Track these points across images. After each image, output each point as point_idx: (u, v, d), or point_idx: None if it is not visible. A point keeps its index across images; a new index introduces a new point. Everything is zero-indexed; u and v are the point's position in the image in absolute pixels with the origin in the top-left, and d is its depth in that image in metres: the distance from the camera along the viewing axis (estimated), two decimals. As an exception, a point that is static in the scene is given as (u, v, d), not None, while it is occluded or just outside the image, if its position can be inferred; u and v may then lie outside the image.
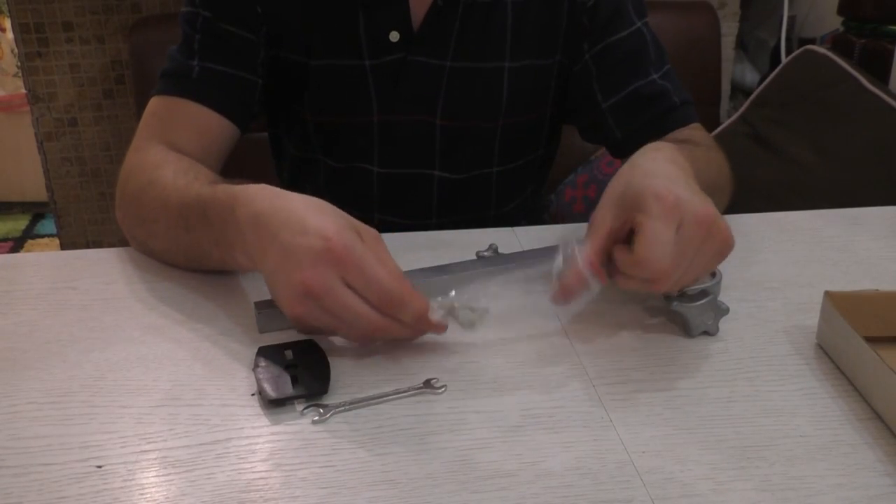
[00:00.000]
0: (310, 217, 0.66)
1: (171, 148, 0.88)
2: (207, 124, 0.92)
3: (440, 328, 0.67)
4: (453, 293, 0.68)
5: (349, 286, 0.64)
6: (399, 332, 0.66)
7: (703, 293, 0.70)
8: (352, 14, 0.93)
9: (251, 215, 0.69)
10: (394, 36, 0.93)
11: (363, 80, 0.96)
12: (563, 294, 0.68)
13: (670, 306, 0.71)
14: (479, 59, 0.96)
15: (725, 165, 0.92)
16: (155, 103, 0.93)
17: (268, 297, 0.69)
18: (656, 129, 0.95)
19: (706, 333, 0.71)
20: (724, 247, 0.68)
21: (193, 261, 0.79)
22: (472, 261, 0.78)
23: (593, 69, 0.97)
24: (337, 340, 0.69)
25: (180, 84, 0.91)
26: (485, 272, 0.75)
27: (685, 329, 0.71)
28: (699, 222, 0.65)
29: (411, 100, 0.97)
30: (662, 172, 0.69)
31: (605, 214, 0.68)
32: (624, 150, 0.99)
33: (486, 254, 0.80)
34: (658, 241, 0.64)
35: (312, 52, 0.95)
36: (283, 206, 0.67)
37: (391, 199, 1.03)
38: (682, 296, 0.70)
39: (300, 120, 1.01)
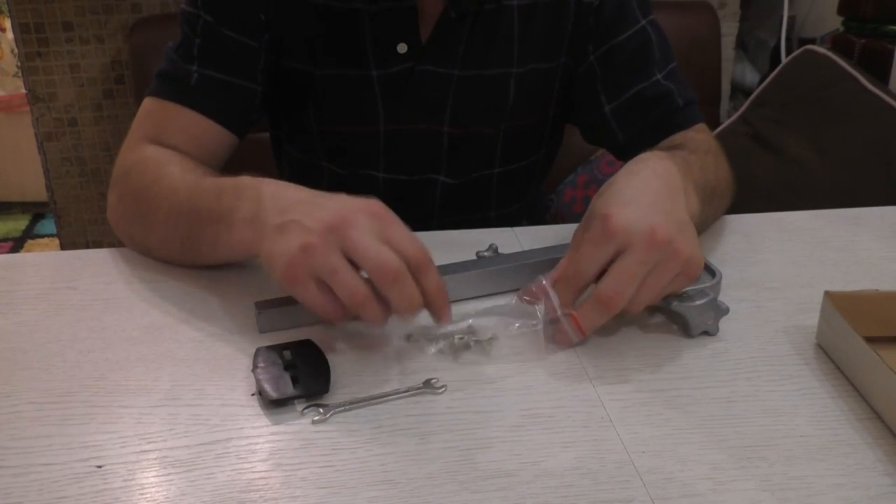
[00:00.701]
0: (344, 197, 0.69)
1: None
2: (204, 132, 0.91)
3: (445, 313, 0.67)
4: (468, 322, 0.69)
5: (382, 240, 0.64)
6: (408, 284, 0.64)
7: (703, 293, 0.70)
8: (357, 25, 0.92)
9: (277, 189, 0.71)
10: (401, 48, 0.93)
11: (370, 90, 0.95)
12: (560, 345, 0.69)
13: (670, 306, 0.71)
14: (486, 66, 0.95)
15: (724, 168, 0.91)
16: (151, 104, 0.92)
17: (267, 297, 0.69)
18: (658, 132, 0.95)
19: (706, 333, 0.71)
20: (687, 267, 0.66)
21: (188, 248, 0.78)
22: (472, 261, 0.78)
23: (598, 71, 0.97)
24: (335, 342, 0.69)
25: (178, 89, 0.91)
26: (483, 272, 0.75)
27: (685, 329, 0.71)
28: (650, 243, 0.64)
29: (419, 109, 0.97)
30: (633, 190, 0.69)
31: (576, 234, 0.70)
32: (626, 153, 0.98)
33: (486, 254, 0.80)
34: (586, 262, 0.66)
35: (318, 62, 0.95)
36: (311, 190, 0.71)
37: (395, 203, 1.03)
38: (683, 296, 0.70)
39: (304, 127, 1.01)
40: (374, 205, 0.67)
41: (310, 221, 0.65)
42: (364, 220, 0.65)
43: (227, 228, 0.72)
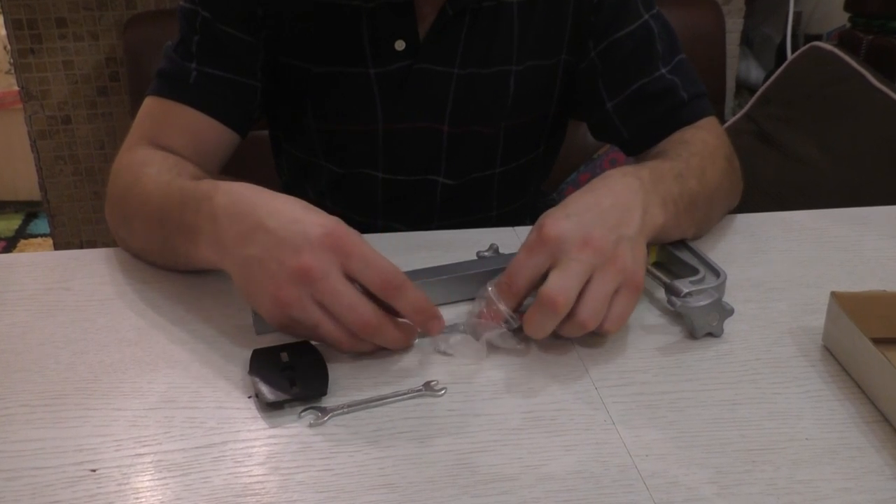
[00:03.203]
0: (298, 209, 0.67)
1: (166, 151, 0.88)
2: (205, 131, 0.91)
3: (437, 323, 0.67)
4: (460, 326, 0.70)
5: (346, 275, 0.64)
6: (389, 332, 0.66)
7: (708, 294, 0.71)
8: (355, 22, 0.92)
9: (230, 203, 0.69)
10: (399, 45, 0.93)
11: (367, 88, 0.95)
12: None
13: (674, 307, 0.71)
14: (486, 64, 0.95)
15: (716, 170, 0.88)
16: (150, 104, 0.92)
17: (250, 308, 0.69)
18: (662, 127, 0.95)
19: (710, 335, 0.71)
20: (626, 279, 0.67)
21: (166, 259, 0.78)
22: (472, 261, 0.78)
23: (599, 66, 0.97)
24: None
25: (177, 87, 0.91)
26: (484, 273, 0.75)
27: (689, 330, 0.71)
28: (582, 247, 0.66)
29: (417, 107, 0.97)
30: (579, 204, 0.71)
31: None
32: (633, 148, 0.98)
33: (486, 254, 0.80)
34: (519, 268, 0.67)
35: (315, 59, 0.95)
36: (269, 199, 0.68)
37: (395, 203, 1.03)
38: (686, 296, 0.70)
39: (302, 125, 1.01)
40: (329, 235, 0.64)
41: (272, 264, 0.64)
42: (325, 262, 0.63)
43: (194, 246, 0.72)
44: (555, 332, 0.67)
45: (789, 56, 1.78)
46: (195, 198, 0.72)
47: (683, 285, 0.72)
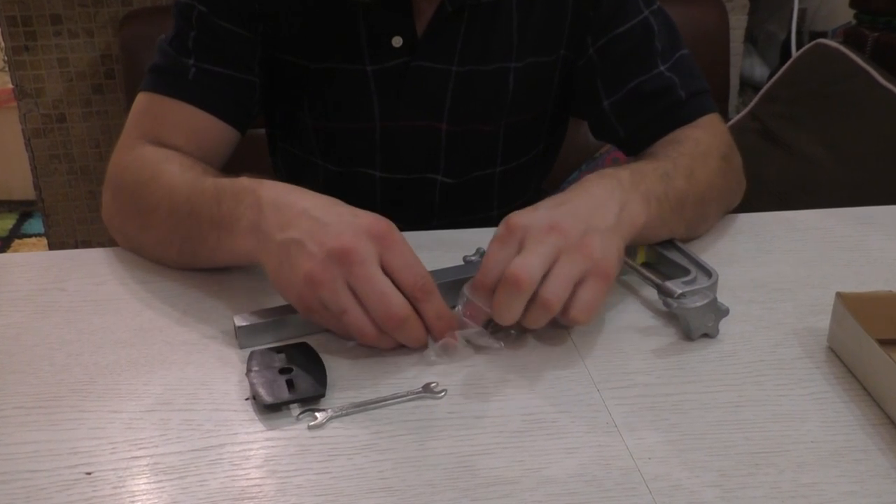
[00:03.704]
0: (343, 205, 0.70)
1: (170, 149, 0.88)
2: (205, 128, 0.91)
3: (453, 333, 0.68)
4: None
5: (383, 267, 0.66)
6: (414, 329, 0.67)
7: (702, 294, 0.70)
8: (352, 18, 0.92)
9: (276, 195, 0.72)
10: (396, 41, 0.93)
11: (364, 85, 0.95)
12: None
13: (670, 309, 0.71)
14: (485, 61, 0.95)
15: (708, 170, 0.87)
16: (146, 101, 0.92)
17: (259, 299, 0.69)
18: (660, 126, 0.94)
19: (706, 336, 0.71)
20: (595, 266, 0.67)
21: (186, 251, 0.78)
22: (458, 266, 0.77)
23: (598, 64, 0.97)
24: (332, 345, 0.69)
25: (175, 84, 0.90)
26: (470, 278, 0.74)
27: (685, 332, 0.71)
28: (548, 231, 0.67)
29: (415, 105, 0.97)
30: (550, 202, 0.72)
31: None
32: (631, 148, 0.98)
33: (473, 258, 0.79)
34: (490, 261, 0.68)
35: (311, 55, 0.95)
36: (314, 195, 0.72)
37: (393, 203, 1.03)
38: (681, 297, 0.70)
39: (299, 122, 1.01)
40: (375, 225, 0.67)
41: (312, 245, 0.66)
42: (366, 248, 0.66)
43: (230, 236, 0.73)
44: (522, 323, 0.67)
45: (794, 53, 1.78)
46: (235, 191, 0.74)
47: (676, 286, 0.72)
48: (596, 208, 0.71)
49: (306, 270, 0.66)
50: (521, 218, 0.69)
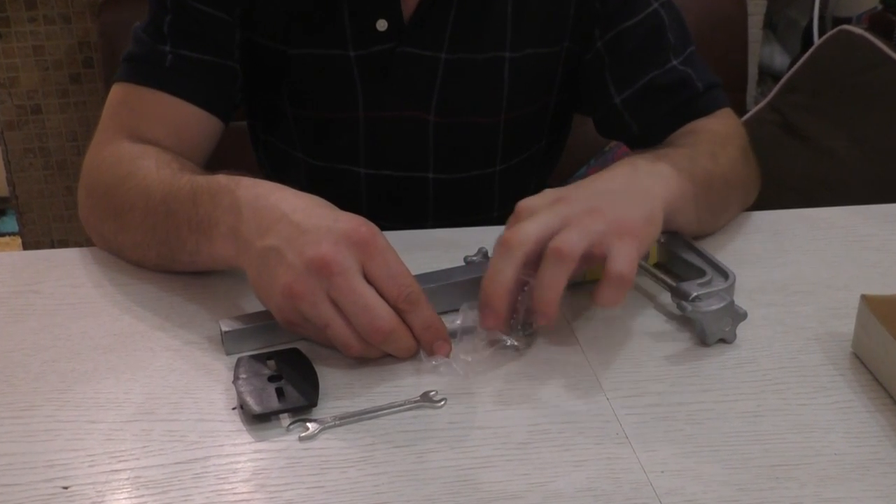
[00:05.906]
0: (326, 206, 0.70)
1: (149, 145, 0.88)
2: (186, 119, 0.91)
3: (443, 345, 0.67)
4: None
5: (365, 276, 0.65)
6: (401, 340, 0.67)
7: (718, 297, 0.70)
8: None
9: (254, 197, 0.71)
10: (381, 25, 0.93)
11: (347, 71, 0.95)
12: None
13: (684, 312, 0.71)
14: (476, 49, 0.95)
15: (726, 159, 0.88)
16: (122, 91, 0.92)
17: (246, 303, 0.69)
18: (676, 119, 0.95)
19: (723, 341, 0.71)
20: (615, 225, 0.67)
21: (164, 255, 0.78)
22: (460, 267, 0.77)
23: (606, 58, 0.97)
24: (324, 351, 0.69)
25: (152, 73, 0.90)
26: (470, 280, 0.74)
27: (700, 337, 0.71)
28: (555, 202, 0.69)
29: (401, 94, 0.96)
30: (561, 189, 0.73)
31: None
32: (643, 144, 0.98)
33: (475, 259, 0.79)
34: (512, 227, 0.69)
35: (291, 40, 0.95)
36: (295, 195, 0.71)
37: (381, 203, 1.02)
38: (696, 300, 0.70)
39: (279, 112, 1.01)
40: (356, 231, 0.66)
41: (291, 255, 0.65)
42: (346, 257, 0.65)
43: (208, 241, 0.73)
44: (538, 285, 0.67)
45: (816, 41, 1.78)
46: (212, 192, 0.74)
47: (691, 288, 0.72)
48: (611, 179, 0.72)
49: (284, 283, 0.65)
50: (530, 200, 0.71)
